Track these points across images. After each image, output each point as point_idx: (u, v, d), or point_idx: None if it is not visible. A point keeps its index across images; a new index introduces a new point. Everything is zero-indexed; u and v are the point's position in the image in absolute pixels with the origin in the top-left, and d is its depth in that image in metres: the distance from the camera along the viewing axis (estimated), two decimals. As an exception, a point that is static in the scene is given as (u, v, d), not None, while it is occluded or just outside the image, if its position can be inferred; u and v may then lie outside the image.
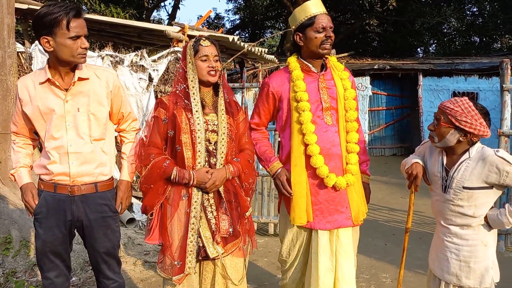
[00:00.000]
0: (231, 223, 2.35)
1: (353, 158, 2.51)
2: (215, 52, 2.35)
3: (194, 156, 2.31)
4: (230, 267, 2.38)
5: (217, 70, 2.35)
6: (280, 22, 22.01)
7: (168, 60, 5.63)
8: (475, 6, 17.72)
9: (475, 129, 2.12)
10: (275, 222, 5.21)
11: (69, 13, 2.14)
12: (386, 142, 12.60)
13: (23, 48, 5.78)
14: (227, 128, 2.36)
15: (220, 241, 2.32)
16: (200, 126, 2.31)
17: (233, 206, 2.39)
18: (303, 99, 2.47)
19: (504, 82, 4.61)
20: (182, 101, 2.34)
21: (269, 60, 10.42)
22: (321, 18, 2.43)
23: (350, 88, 2.56)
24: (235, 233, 2.36)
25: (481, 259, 2.20)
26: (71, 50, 2.19)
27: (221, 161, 2.34)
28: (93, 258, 2.47)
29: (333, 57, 2.65)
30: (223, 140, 2.34)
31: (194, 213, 2.31)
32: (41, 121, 2.31)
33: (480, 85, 11.07)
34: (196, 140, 2.30)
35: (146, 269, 4.06)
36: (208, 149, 2.34)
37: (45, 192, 2.35)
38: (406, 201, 6.88)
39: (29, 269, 3.79)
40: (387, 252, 4.64)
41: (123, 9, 13.51)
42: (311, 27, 2.43)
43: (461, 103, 2.15)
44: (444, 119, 2.16)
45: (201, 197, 2.33)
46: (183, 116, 2.31)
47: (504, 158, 2.09)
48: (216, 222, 2.33)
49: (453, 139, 2.17)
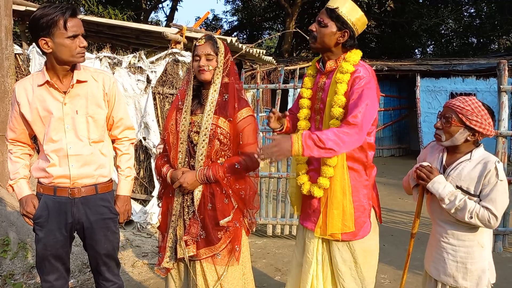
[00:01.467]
0: (203, 227, 2.31)
1: (330, 161, 2.29)
2: (208, 51, 2.29)
3: (176, 156, 2.36)
4: (209, 272, 2.33)
5: (206, 69, 2.29)
6: (278, 23, 22.03)
7: (166, 62, 5.62)
8: (473, 7, 17.81)
9: (484, 128, 2.13)
10: (274, 224, 5.22)
11: (65, 13, 2.15)
12: (384, 143, 12.61)
13: (21, 50, 5.77)
14: (210, 129, 2.29)
15: (191, 244, 2.31)
16: (184, 127, 2.33)
17: (208, 211, 2.31)
18: (303, 95, 2.47)
19: (502, 83, 4.62)
20: (178, 102, 2.41)
21: (267, 61, 10.41)
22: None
23: (340, 95, 2.24)
24: (209, 238, 2.30)
25: (478, 260, 2.20)
26: (70, 49, 2.19)
27: (200, 163, 2.30)
28: (93, 260, 2.47)
29: (354, 55, 2.32)
30: (203, 141, 2.28)
31: (174, 212, 2.38)
32: (40, 124, 2.30)
33: (477, 86, 11.10)
34: (179, 140, 2.34)
35: (144, 271, 4.06)
36: (189, 150, 2.35)
37: (45, 196, 2.34)
38: (404, 202, 6.92)
39: (27, 271, 3.78)
40: (385, 253, 4.64)
41: (121, 10, 13.52)
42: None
43: (471, 102, 2.15)
44: (454, 118, 2.16)
45: (181, 198, 2.37)
46: (173, 116, 2.40)
47: (498, 171, 2.10)
48: (189, 224, 2.34)
49: (462, 138, 2.18)
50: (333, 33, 2.26)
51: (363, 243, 2.37)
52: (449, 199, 2.13)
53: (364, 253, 2.38)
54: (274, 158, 2.09)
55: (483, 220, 2.10)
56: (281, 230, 5.25)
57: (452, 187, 2.15)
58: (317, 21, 2.31)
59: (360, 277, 2.38)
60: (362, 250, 2.37)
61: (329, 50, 2.33)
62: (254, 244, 4.93)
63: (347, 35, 2.27)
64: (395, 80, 12.23)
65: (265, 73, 11.49)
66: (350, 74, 2.24)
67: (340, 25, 2.26)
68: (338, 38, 2.28)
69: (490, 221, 2.09)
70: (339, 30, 2.26)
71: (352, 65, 2.26)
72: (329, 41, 2.28)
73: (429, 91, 11.45)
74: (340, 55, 2.33)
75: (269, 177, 5.21)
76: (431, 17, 16.06)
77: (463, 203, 2.11)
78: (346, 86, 2.24)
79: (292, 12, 16.92)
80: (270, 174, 5.20)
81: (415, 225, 2.40)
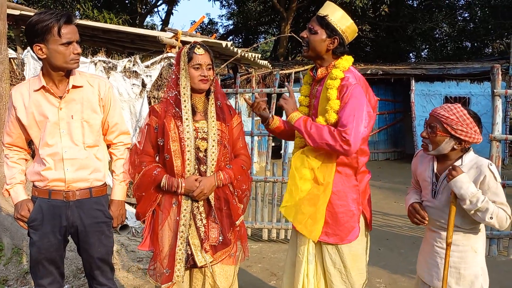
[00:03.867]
0: (221, 231, 2.35)
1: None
2: (208, 61, 2.35)
3: (183, 164, 2.32)
4: (219, 275, 2.37)
5: (209, 79, 2.36)
6: (273, 27, 22.10)
7: (161, 66, 5.63)
8: (466, 11, 17.94)
9: (470, 137, 2.11)
10: (269, 228, 5.21)
11: (60, 20, 2.16)
12: (380, 146, 12.64)
13: (15, 54, 5.77)
14: (217, 135, 2.35)
15: (209, 250, 2.32)
16: (189, 134, 2.31)
17: (223, 214, 2.38)
18: (302, 103, 2.53)
19: (495, 87, 4.65)
20: (173, 108, 2.36)
21: (263, 65, 10.44)
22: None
23: (333, 100, 2.28)
24: (225, 241, 2.35)
25: (471, 265, 2.20)
26: (63, 56, 2.21)
27: (212, 168, 2.34)
28: (87, 264, 2.47)
29: (344, 61, 2.37)
30: (213, 147, 2.34)
31: (184, 221, 2.31)
32: (36, 129, 2.31)
33: (472, 89, 11.16)
34: (185, 148, 2.31)
35: (139, 276, 4.04)
36: (198, 157, 2.35)
37: (40, 199, 2.34)
38: (399, 206, 6.93)
39: (20, 277, 3.75)
40: (380, 257, 4.64)
41: (116, 14, 13.51)
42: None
43: (456, 111, 2.13)
44: (439, 128, 2.14)
45: (191, 205, 2.33)
46: (172, 124, 2.33)
47: (494, 174, 2.11)
48: (205, 230, 2.32)
49: (448, 147, 2.17)
50: (323, 40, 2.33)
51: (351, 247, 2.40)
52: (470, 200, 2.07)
53: (353, 257, 2.41)
54: (262, 108, 2.44)
55: (501, 221, 2.10)
56: (276, 235, 5.25)
57: (474, 188, 2.08)
58: (308, 28, 2.38)
59: (350, 281, 2.41)
60: (351, 254, 2.40)
61: (320, 57, 2.40)
62: (250, 249, 4.90)
63: (337, 41, 2.34)
64: (390, 84, 12.27)
65: (260, 77, 11.50)
66: (340, 80, 2.30)
67: (329, 32, 2.32)
68: (328, 44, 2.34)
69: (507, 221, 2.11)
70: (329, 37, 2.33)
71: (342, 71, 2.32)
72: (319, 48, 2.35)
73: (423, 95, 11.50)
74: (331, 62, 2.39)
75: (264, 181, 5.21)
76: (425, 21, 16.17)
77: (486, 204, 2.07)
78: (337, 91, 2.29)
79: (287, 17, 16.98)
80: (265, 178, 5.20)
81: (450, 233, 2.19)
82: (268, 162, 5.35)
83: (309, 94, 2.52)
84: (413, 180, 2.50)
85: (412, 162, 2.48)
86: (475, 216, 2.12)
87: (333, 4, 2.37)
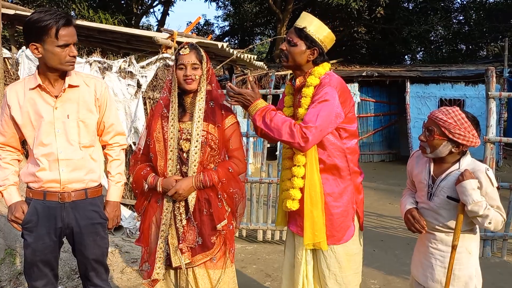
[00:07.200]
0: (199, 233, 2.32)
1: (299, 159, 2.37)
2: (193, 60, 2.31)
3: (165, 164, 2.33)
4: (201, 278, 2.35)
5: (193, 79, 2.31)
6: (269, 29, 22.09)
7: (156, 67, 5.61)
8: (461, 14, 18.03)
9: (468, 140, 2.11)
10: (264, 229, 5.21)
11: (59, 22, 2.14)
12: (375, 148, 12.67)
13: (10, 54, 5.73)
14: (201, 136, 2.31)
15: (186, 251, 2.31)
16: (173, 135, 2.32)
17: (204, 216, 2.33)
18: (286, 113, 2.48)
19: (490, 89, 4.67)
20: (162, 109, 2.39)
21: (258, 66, 10.45)
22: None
23: (303, 109, 2.33)
24: (205, 244, 2.32)
25: (465, 267, 2.21)
26: (59, 58, 2.19)
27: (193, 169, 2.31)
28: (82, 266, 2.46)
29: (321, 68, 2.39)
30: (196, 148, 2.30)
31: (164, 221, 2.34)
32: (30, 128, 2.29)
33: (466, 92, 11.21)
34: (168, 148, 2.31)
35: (133, 277, 4.02)
36: (181, 157, 2.34)
37: (34, 201, 2.32)
38: (394, 207, 6.94)
39: (14, 278, 3.73)
40: (374, 258, 4.66)
41: (111, 15, 13.48)
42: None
43: (454, 114, 2.12)
44: (437, 131, 2.14)
45: (172, 205, 2.34)
46: (158, 124, 2.36)
47: (491, 179, 2.12)
48: (184, 231, 2.32)
49: (446, 151, 2.16)
50: (303, 52, 2.35)
51: (346, 247, 2.42)
52: (471, 207, 2.07)
53: (348, 257, 2.42)
54: (235, 102, 2.34)
55: (497, 224, 2.13)
56: (271, 236, 5.24)
57: (479, 196, 2.08)
58: (287, 40, 2.38)
59: (345, 281, 2.41)
60: (346, 254, 2.41)
61: (300, 68, 2.41)
62: (245, 250, 4.92)
63: (317, 52, 2.35)
64: (385, 86, 12.31)
65: (256, 78, 11.51)
66: (314, 87, 2.32)
67: (309, 44, 2.34)
68: (308, 55, 2.36)
69: (501, 224, 2.14)
70: (308, 48, 2.35)
71: (318, 78, 2.34)
72: (300, 59, 2.37)
73: (418, 97, 11.54)
74: (309, 69, 2.40)
75: (259, 182, 5.21)
76: (420, 24, 16.22)
77: (487, 211, 2.08)
78: (310, 99, 2.32)
79: (283, 18, 16.99)
80: (260, 179, 5.20)
81: (457, 236, 2.18)
82: (263, 163, 5.35)
83: (293, 104, 2.51)
84: (409, 180, 2.50)
85: (408, 162, 2.48)
86: (474, 219, 2.14)
87: (310, 15, 2.40)
